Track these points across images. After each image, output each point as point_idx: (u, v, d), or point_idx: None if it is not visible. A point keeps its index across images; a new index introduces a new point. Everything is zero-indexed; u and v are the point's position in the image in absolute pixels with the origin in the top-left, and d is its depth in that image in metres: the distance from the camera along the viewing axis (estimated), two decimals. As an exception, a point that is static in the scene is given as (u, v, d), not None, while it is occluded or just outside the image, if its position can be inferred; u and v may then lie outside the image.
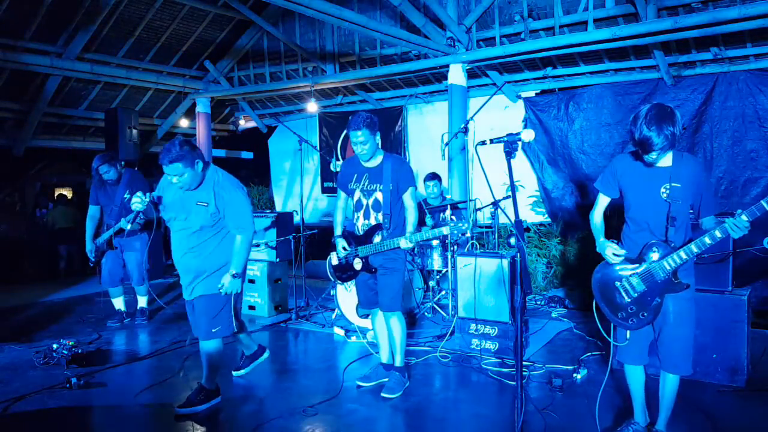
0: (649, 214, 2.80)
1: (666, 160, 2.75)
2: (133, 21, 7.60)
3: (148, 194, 3.54)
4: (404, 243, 3.62)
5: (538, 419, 3.35)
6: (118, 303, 5.89)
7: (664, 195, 2.73)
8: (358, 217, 3.88)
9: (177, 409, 3.55)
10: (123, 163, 5.93)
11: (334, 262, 4.02)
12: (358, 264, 3.84)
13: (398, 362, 3.92)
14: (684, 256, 2.68)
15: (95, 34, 7.43)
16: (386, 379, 3.95)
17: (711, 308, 3.83)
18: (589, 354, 4.51)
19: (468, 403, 3.72)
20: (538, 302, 6.39)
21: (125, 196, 5.40)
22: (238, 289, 3.64)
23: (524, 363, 3.68)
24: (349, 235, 3.94)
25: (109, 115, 8.25)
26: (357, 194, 3.88)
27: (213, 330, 3.61)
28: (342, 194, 4.02)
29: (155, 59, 8.49)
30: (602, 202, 3.02)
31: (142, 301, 6.01)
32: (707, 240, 2.61)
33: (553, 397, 3.72)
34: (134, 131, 8.28)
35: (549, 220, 7.33)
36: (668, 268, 2.72)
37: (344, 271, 3.97)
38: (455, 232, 3.55)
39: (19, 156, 8.78)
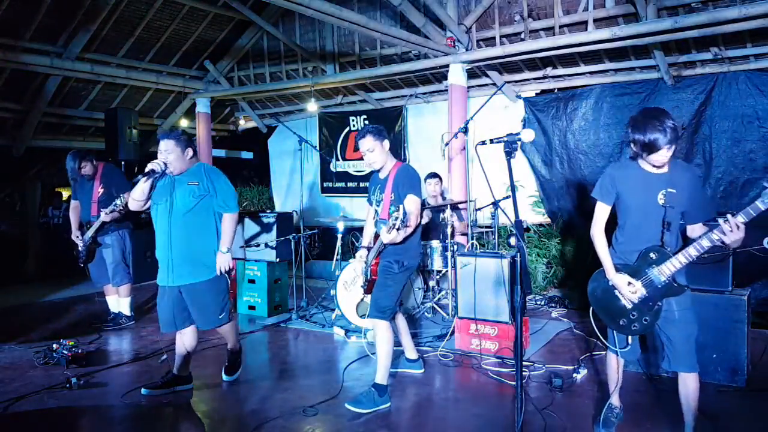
0: (646, 219, 2.81)
1: (663, 167, 2.78)
2: (133, 21, 7.59)
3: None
4: (384, 233, 3.46)
5: (538, 419, 3.35)
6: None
7: (662, 201, 2.75)
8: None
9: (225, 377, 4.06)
10: (95, 157, 5.67)
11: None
12: (366, 273, 3.83)
13: (377, 378, 3.64)
14: (683, 260, 2.69)
15: (95, 34, 7.41)
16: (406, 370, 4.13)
17: (711, 308, 3.82)
18: (589, 354, 4.51)
19: (468, 403, 3.72)
20: (538, 302, 6.39)
21: (99, 190, 5.47)
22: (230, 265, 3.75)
23: (524, 363, 3.68)
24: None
25: (109, 115, 8.25)
26: (374, 206, 3.88)
27: (220, 317, 3.80)
28: (369, 207, 4.05)
29: (155, 59, 8.48)
30: (603, 213, 2.96)
31: (116, 305, 5.73)
32: (705, 243, 2.63)
33: (553, 397, 3.73)
34: (134, 131, 8.28)
35: (549, 220, 7.33)
36: (668, 272, 2.73)
37: (364, 280, 3.87)
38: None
39: (19, 156, 8.76)
